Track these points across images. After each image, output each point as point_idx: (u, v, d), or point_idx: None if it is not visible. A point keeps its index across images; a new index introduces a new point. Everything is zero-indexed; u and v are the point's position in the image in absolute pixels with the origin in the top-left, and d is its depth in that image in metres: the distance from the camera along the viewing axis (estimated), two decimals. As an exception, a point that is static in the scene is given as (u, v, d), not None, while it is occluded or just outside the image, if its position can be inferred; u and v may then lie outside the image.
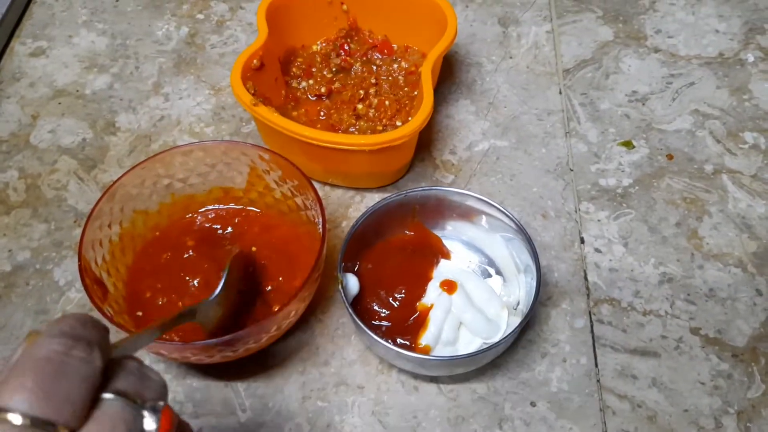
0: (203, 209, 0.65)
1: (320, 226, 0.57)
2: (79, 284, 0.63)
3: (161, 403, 0.31)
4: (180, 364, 0.60)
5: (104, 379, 0.30)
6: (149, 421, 0.30)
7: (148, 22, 0.87)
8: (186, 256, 0.61)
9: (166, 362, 0.60)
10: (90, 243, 0.56)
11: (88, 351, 0.29)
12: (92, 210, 0.56)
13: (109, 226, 0.59)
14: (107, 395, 0.30)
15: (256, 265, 0.61)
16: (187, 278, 0.59)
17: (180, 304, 0.58)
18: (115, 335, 0.48)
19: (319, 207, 0.57)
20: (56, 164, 0.73)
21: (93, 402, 0.29)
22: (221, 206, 0.65)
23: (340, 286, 0.57)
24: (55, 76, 0.81)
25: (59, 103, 0.78)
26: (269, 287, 0.60)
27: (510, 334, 0.54)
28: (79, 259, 0.54)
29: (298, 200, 0.61)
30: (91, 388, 0.29)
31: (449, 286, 0.60)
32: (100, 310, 0.52)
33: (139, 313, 0.58)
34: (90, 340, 0.30)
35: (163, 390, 0.33)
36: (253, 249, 0.62)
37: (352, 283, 0.59)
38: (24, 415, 0.27)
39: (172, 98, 0.79)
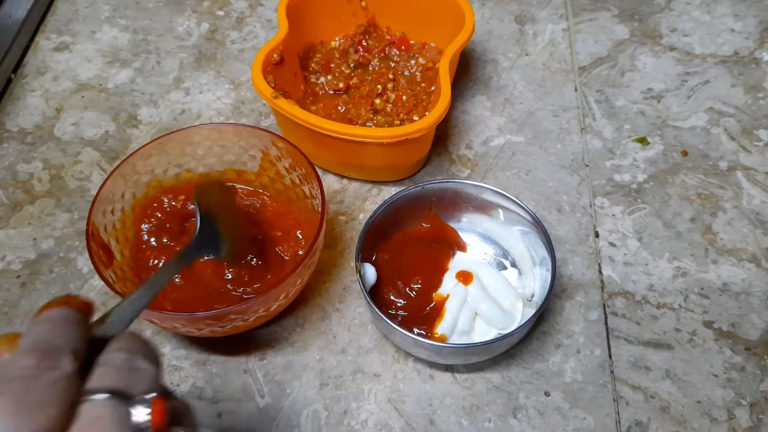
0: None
1: (319, 200, 0.58)
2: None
3: (151, 395, 0.30)
4: (200, 349, 0.61)
5: (82, 380, 0.30)
6: (139, 415, 0.30)
7: (169, 18, 0.89)
8: (188, 223, 0.64)
9: (186, 349, 0.61)
10: (101, 209, 0.58)
11: (55, 359, 0.30)
12: (107, 178, 0.59)
13: (123, 195, 0.61)
14: (91, 396, 0.30)
15: (258, 210, 0.65)
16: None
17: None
18: (114, 303, 0.50)
19: (317, 185, 0.59)
20: (79, 156, 0.75)
21: (73, 406, 0.29)
22: (235, 184, 0.67)
23: (357, 275, 0.58)
24: (78, 70, 0.83)
25: (82, 97, 0.80)
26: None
27: (525, 323, 0.55)
28: (87, 224, 0.56)
29: (306, 189, 0.63)
30: (66, 395, 0.29)
31: (465, 277, 0.61)
32: (102, 275, 0.53)
33: None
34: (59, 346, 0.30)
35: (153, 379, 0.32)
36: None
37: (370, 272, 0.60)
38: None
39: (193, 92, 0.80)
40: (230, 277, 0.60)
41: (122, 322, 0.37)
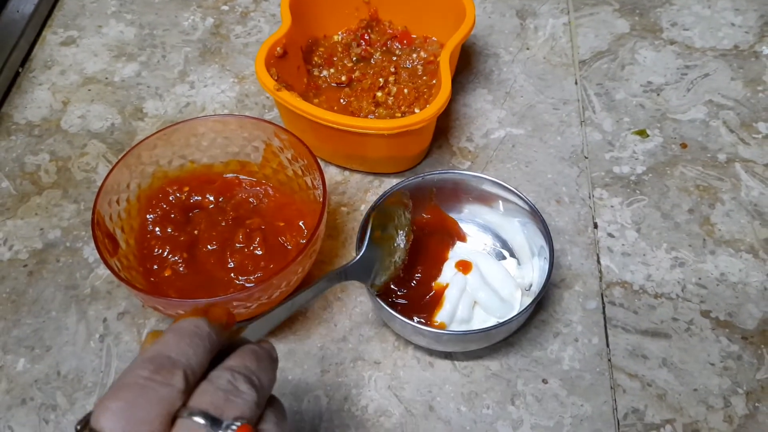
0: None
1: (320, 190, 0.59)
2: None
3: (238, 423, 0.32)
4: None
5: (187, 396, 0.32)
6: None
7: (174, 13, 0.90)
8: (192, 214, 0.65)
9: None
10: (107, 199, 0.59)
11: (168, 375, 0.32)
12: (112, 167, 0.60)
13: (128, 185, 0.62)
14: (186, 414, 0.32)
15: (261, 201, 0.66)
16: (195, 232, 0.63)
17: (185, 255, 0.61)
18: (119, 292, 0.51)
19: (319, 175, 0.59)
20: (86, 148, 0.76)
21: (171, 421, 0.32)
22: (239, 176, 0.68)
23: (359, 264, 0.59)
24: (84, 64, 0.84)
25: (89, 90, 0.81)
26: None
27: (523, 311, 0.56)
28: (93, 212, 0.57)
29: (308, 180, 0.64)
30: (168, 408, 0.31)
31: (464, 267, 0.62)
32: (107, 263, 0.55)
33: (156, 266, 0.61)
34: (175, 361, 0.33)
35: (249, 405, 0.33)
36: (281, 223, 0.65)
37: (371, 261, 0.61)
38: None
39: (198, 86, 0.81)
40: (233, 266, 0.61)
41: (256, 336, 0.40)
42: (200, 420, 0.31)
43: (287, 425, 0.36)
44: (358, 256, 0.57)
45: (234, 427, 0.31)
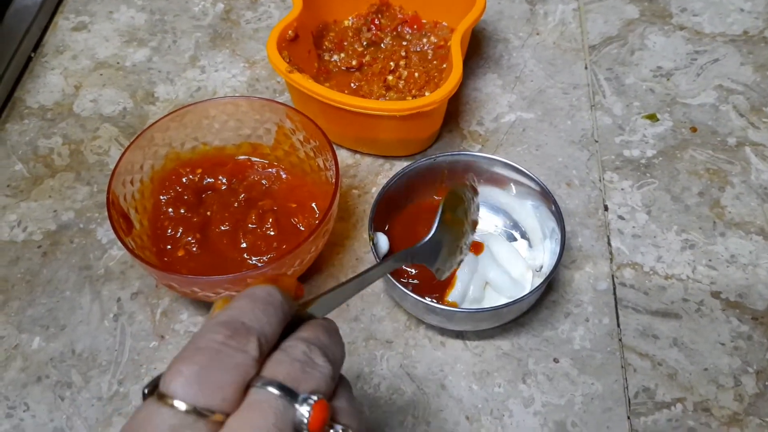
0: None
1: (332, 171, 0.60)
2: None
3: (315, 397, 0.30)
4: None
5: (260, 366, 0.31)
6: (300, 413, 0.30)
7: (184, -1, 0.90)
8: (205, 195, 0.66)
9: (204, 315, 0.63)
10: (121, 180, 0.60)
11: (243, 341, 0.30)
12: (126, 148, 0.60)
13: (141, 167, 0.62)
14: (261, 384, 0.30)
15: (273, 183, 0.67)
16: (208, 213, 0.64)
17: (198, 236, 0.62)
18: (132, 272, 0.51)
19: (331, 156, 0.60)
20: (98, 131, 0.76)
21: (245, 389, 0.30)
22: (251, 158, 0.69)
23: (371, 243, 0.59)
24: (96, 49, 0.85)
25: (101, 75, 0.82)
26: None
27: (534, 290, 0.56)
28: (108, 192, 0.58)
29: (320, 161, 0.64)
30: (243, 376, 0.30)
31: (476, 247, 0.62)
32: (123, 242, 0.55)
33: (169, 246, 0.62)
34: (250, 327, 0.31)
35: (324, 378, 0.32)
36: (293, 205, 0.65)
37: (383, 241, 0.61)
38: (186, 403, 0.28)
39: (208, 71, 0.82)
40: (245, 246, 0.62)
41: (326, 309, 0.38)
42: (275, 391, 0.30)
43: (357, 403, 0.34)
44: (428, 237, 0.56)
45: (311, 402, 0.30)
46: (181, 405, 0.28)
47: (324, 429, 0.30)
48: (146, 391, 0.30)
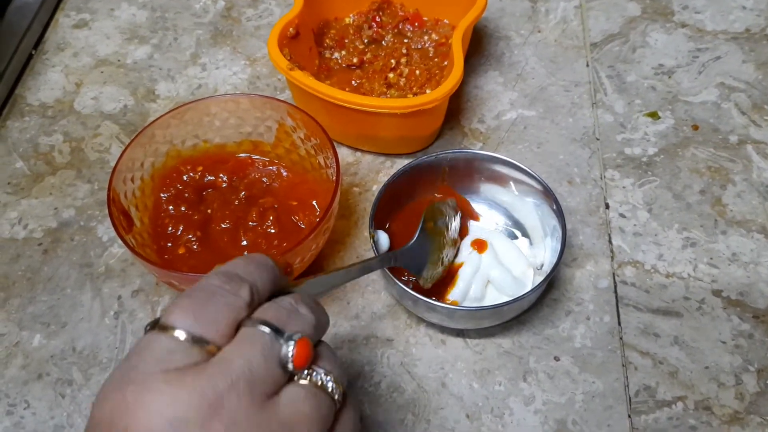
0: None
1: (333, 169, 0.60)
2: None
3: (299, 335, 0.34)
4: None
5: (251, 310, 0.35)
6: (286, 349, 0.34)
7: (185, -4, 0.90)
8: (206, 193, 0.65)
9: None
10: (121, 177, 0.60)
11: (237, 286, 0.35)
12: (127, 146, 0.60)
13: (142, 164, 0.62)
14: (251, 323, 0.34)
15: (274, 180, 0.67)
16: (209, 211, 0.64)
17: (198, 233, 0.62)
18: (133, 270, 0.51)
19: (332, 154, 0.60)
20: (99, 129, 0.76)
21: (237, 327, 0.34)
22: (251, 155, 0.69)
23: (371, 241, 0.59)
24: (97, 46, 0.85)
25: (101, 72, 0.82)
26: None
27: (535, 288, 0.56)
28: (109, 189, 0.57)
29: (321, 159, 0.64)
30: (235, 314, 0.34)
31: (480, 245, 0.62)
32: (123, 239, 0.55)
33: (169, 244, 0.62)
34: (243, 278, 0.36)
35: (308, 324, 0.36)
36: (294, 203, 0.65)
37: (383, 239, 0.61)
38: (185, 331, 0.32)
39: (209, 68, 0.82)
40: (246, 244, 0.62)
41: (311, 291, 0.42)
42: (264, 328, 0.34)
43: (339, 359, 0.38)
44: (412, 242, 0.58)
45: (295, 338, 0.34)
46: (180, 334, 0.32)
47: (307, 366, 0.34)
48: (148, 327, 0.34)
